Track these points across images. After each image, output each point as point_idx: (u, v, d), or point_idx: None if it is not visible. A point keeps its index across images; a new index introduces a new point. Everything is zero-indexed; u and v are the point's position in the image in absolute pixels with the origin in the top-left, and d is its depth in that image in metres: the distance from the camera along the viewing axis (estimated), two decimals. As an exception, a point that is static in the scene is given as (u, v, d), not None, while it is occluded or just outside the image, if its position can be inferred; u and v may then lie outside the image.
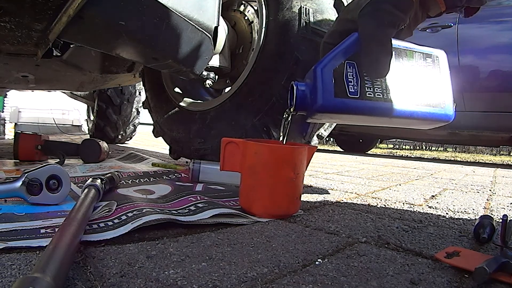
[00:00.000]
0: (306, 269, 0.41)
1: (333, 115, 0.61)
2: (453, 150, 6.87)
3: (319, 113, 0.60)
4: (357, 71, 0.60)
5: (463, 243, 0.54)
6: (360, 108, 0.59)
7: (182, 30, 0.83)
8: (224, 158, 0.67)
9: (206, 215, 0.57)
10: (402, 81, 0.62)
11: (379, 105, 0.60)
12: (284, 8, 0.91)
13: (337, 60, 0.59)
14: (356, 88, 0.59)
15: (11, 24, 0.74)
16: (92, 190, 0.59)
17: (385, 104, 0.60)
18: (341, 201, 0.83)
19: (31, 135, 1.23)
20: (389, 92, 0.61)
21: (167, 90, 1.25)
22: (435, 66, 0.66)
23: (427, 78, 0.65)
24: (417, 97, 0.63)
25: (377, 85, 0.60)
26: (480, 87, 2.60)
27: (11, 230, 0.47)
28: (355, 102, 0.59)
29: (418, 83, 0.64)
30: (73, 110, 5.86)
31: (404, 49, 0.64)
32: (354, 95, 0.59)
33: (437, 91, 0.65)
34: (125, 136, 2.84)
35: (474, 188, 1.18)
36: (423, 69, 0.65)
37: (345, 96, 0.58)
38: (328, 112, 0.59)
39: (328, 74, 0.58)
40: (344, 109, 0.59)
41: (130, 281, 0.35)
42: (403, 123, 0.67)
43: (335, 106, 0.58)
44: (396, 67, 0.62)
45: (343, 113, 0.60)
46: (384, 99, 0.60)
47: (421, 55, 0.65)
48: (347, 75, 0.59)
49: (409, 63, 0.64)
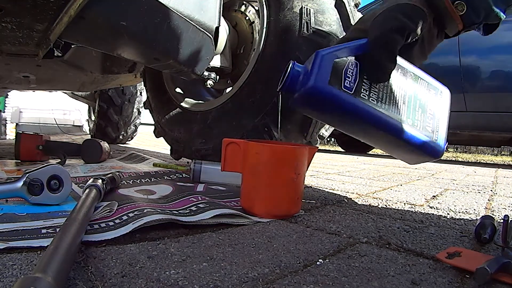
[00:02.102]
0: (307, 269, 0.41)
1: (318, 106, 0.58)
2: (454, 150, 6.87)
3: (306, 97, 0.57)
4: (358, 71, 0.58)
5: (464, 244, 0.54)
6: (350, 105, 0.56)
7: (183, 30, 0.83)
8: (225, 158, 0.67)
9: (207, 215, 0.57)
10: (401, 98, 0.60)
11: (370, 110, 0.57)
12: (285, 9, 0.91)
13: (341, 53, 0.57)
14: (352, 85, 0.56)
15: (12, 24, 0.74)
16: (93, 190, 0.59)
17: (376, 111, 0.57)
18: (342, 202, 0.82)
19: (32, 135, 1.23)
20: (384, 102, 0.58)
21: (168, 91, 1.25)
22: (436, 99, 0.63)
23: (426, 106, 0.61)
24: (412, 118, 0.59)
25: (374, 91, 0.58)
26: (482, 87, 2.60)
27: (13, 230, 0.47)
28: (347, 96, 0.56)
29: (416, 106, 0.60)
30: (74, 111, 5.86)
31: (411, 72, 0.62)
32: (348, 89, 0.56)
33: (433, 122, 0.62)
34: (126, 137, 2.84)
35: (475, 189, 1.17)
36: (424, 96, 0.62)
37: (339, 87, 0.55)
38: (315, 98, 0.56)
39: (328, 61, 0.56)
40: (333, 100, 0.56)
41: (131, 281, 0.35)
42: (387, 143, 0.63)
43: (325, 93, 0.55)
44: (398, 82, 0.60)
45: (330, 105, 0.56)
46: (378, 106, 0.57)
47: (426, 84, 0.63)
48: (347, 70, 0.57)
49: (412, 86, 0.61)
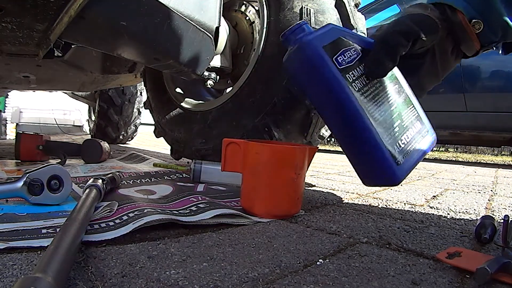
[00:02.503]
0: (307, 270, 0.41)
1: (305, 67, 0.58)
2: (455, 151, 6.86)
3: (297, 52, 0.57)
4: (357, 60, 0.58)
5: (464, 244, 0.54)
6: (333, 78, 0.55)
7: (183, 30, 0.83)
8: (225, 158, 0.67)
9: (207, 215, 0.57)
10: (383, 105, 0.58)
11: (349, 94, 0.55)
12: (285, 9, 0.91)
13: (350, 36, 0.59)
14: (344, 64, 0.56)
15: (13, 24, 0.74)
16: (94, 190, 0.59)
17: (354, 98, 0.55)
18: (342, 201, 0.82)
19: (33, 135, 1.23)
20: (366, 96, 0.57)
21: (169, 91, 1.25)
22: (418, 133, 0.61)
23: (404, 130, 0.59)
24: (386, 128, 0.57)
25: (362, 82, 0.57)
26: (482, 87, 2.60)
27: (13, 230, 0.47)
28: (334, 68, 0.55)
29: (394, 123, 0.58)
30: (74, 111, 5.86)
31: (407, 93, 0.62)
32: (337, 63, 0.56)
33: (404, 147, 0.58)
34: (126, 137, 2.84)
35: (475, 189, 1.17)
36: (407, 121, 0.60)
37: (330, 56, 0.56)
38: (305, 55, 0.57)
39: (334, 33, 0.58)
40: (320, 64, 0.56)
41: (131, 281, 0.35)
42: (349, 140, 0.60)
43: (316, 53, 0.56)
44: (389, 93, 0.60)
45: (315, 69, 0.56)
46: (358, 95, 0.56)
47: (415, 114, 0.62)
48: (347, 51, 0.57)
49: (401, 105, 0.61)
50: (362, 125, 0.55)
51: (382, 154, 0.55)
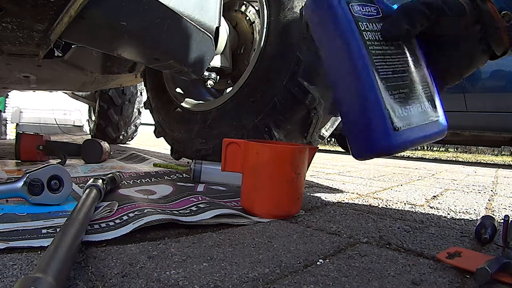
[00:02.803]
0: (308, 270, 0.41)
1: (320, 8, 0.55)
2: (455, 151, 6.86)
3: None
4: (376, 18, 0.55)
5: (464, 244, 0.54)
6: (344, 20, 0.52)
7: (183, 30, 0.83)
8: (225, 158, 0.67)
9: (207, 215, 0.57)
10: (392, 64, 0.55)
11: (359, 41, 0.52)
12: (285, 9, 0.91)
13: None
14: (359, 13, 0.54)
15: (13, 24, 0.74)
16: (94, 191, 0.59)
17: (362, 45, 0.52)
18: (342, 202, 0.82)
19: (33, 135, 1.23)
20: (375, 50, 0.53)
21: (169, 91, 1.25)
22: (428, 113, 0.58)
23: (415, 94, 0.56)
24: (391, 84, 0.53)
25: (374, 36, 0.54)
26: (482, 87, 2.60)
27: (13, 230, 0.47)
28: (347, 11, 0.52)
29: (401, 85, 0.55)
30: (74, 111, 5.87)
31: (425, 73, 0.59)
32: (352, 9, 0.53)
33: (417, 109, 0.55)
34: (126, 137, 2.84)
35: (475, 189, 1.17)
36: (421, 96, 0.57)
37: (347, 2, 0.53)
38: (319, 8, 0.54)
39: None
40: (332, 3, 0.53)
41: (131, 281, 0.35)
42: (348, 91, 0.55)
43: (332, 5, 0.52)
44: (402, 59, 0.56)
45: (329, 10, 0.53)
46: (366, 46, 0.52)
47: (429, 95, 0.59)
48: (365, 6, 0.55)
49: (418, 78, 0.57)
50: (363, 69, 0.51)
51: (379, 107, 0.51)
